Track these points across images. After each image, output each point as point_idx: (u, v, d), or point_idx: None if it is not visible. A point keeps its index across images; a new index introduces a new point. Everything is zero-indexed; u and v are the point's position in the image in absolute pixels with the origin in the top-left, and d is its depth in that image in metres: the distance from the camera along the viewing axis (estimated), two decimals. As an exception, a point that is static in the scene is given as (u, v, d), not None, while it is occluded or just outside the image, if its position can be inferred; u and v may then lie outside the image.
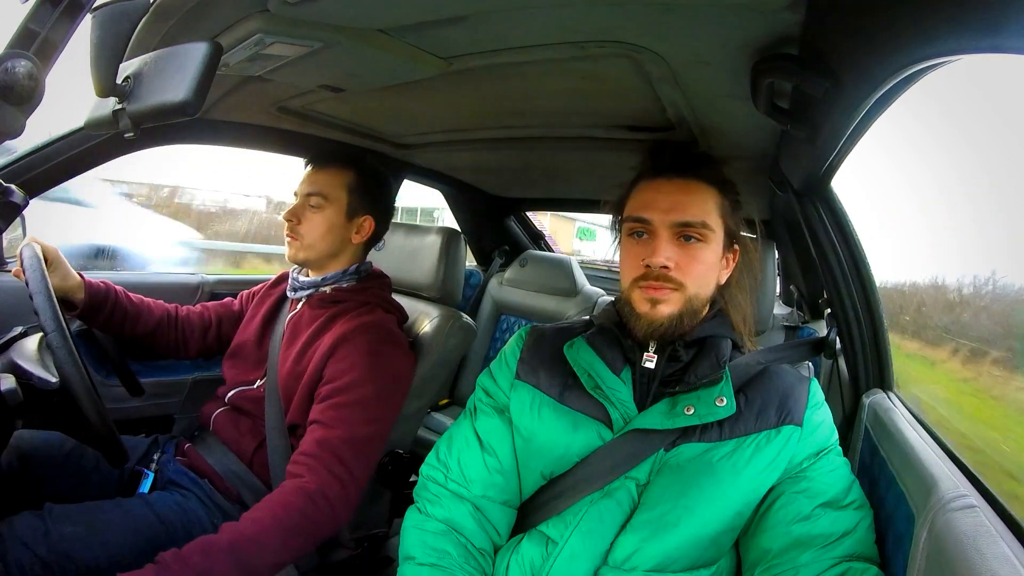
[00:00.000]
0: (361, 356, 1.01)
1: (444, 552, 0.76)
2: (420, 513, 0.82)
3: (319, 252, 1.12)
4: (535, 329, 0.91)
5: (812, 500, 0.70)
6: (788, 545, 0.68)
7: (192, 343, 1.23)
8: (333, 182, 1.12)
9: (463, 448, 0.85)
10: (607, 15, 0.66)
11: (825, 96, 0.61)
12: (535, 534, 0.77)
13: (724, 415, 0.73)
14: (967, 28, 0.40)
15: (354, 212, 1.13)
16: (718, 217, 0.80)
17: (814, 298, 1.67)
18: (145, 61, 0.59)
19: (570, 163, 1.45)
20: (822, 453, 0.74)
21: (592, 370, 0.80)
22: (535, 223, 2.52)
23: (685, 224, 0.77)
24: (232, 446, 1.08)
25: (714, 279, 0.81)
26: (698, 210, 0.78)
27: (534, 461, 0.80)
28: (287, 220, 1.11)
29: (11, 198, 0.88)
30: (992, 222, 1.35)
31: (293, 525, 0.86)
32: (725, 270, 0.84)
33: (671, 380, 0.79)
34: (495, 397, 0.88)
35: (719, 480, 0.72)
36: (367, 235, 1.15)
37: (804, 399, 0.77)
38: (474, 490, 0.81)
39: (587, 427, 0.78)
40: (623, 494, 0.74)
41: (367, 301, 1.12)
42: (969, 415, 1.18)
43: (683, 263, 0.77)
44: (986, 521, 0.52)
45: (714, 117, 0.94)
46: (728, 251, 0.83)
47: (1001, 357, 1.23)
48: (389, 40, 0.77)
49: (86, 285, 1.08)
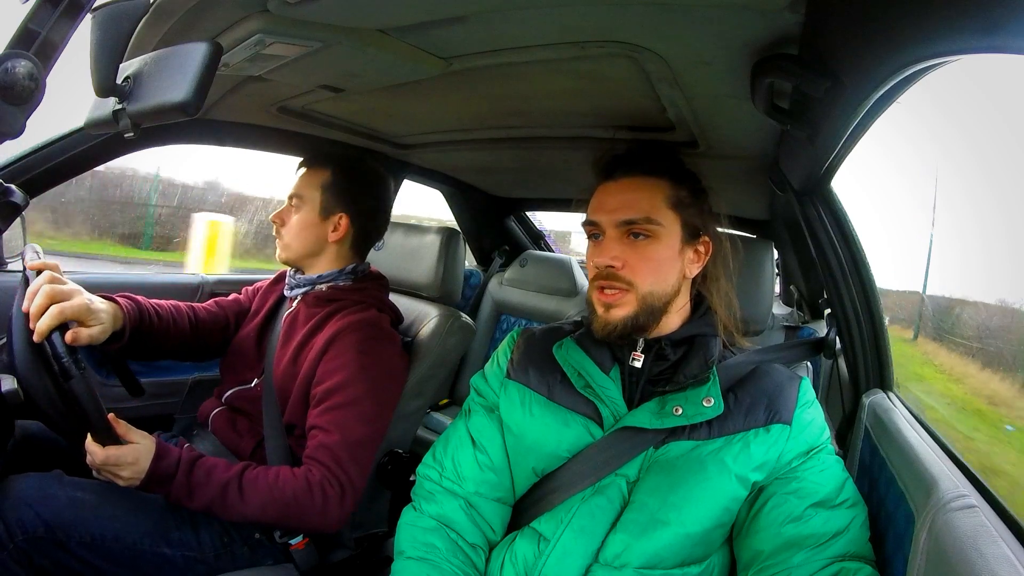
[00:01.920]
0: (352, 355, 1.01)
1: (432, 546, 0.78)
2: (415, 511, 0.84)
3: (296, 252, 1.13)
4: (526, 331, 0.93)
5: (803, 500, 0.70)
6: (780, 546, 0.68)
7: (212, 346, 1.20)
8: (309, 182, 1.13)
9: (457, 447, 0.86)
10: (607, 15, 0.66)
11: (825, 96, 0.61)
12: (528, 531, 0.78)
13: (712, 415, 0.74)
14: (967, 28, 0.40)
15: (328, 211, 1.13)
16: (668, 210, 0.79)
17: (814, 298, 1.67)
18: (145, 61, 0.59)
19: (570, 163, 1.45)
20: (812, 452, 0.74)
21: (582, 369, 0.81)
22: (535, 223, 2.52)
23: (629, 222, 0.78)
24: (230, 446, 1.08)
25: (673, 275, 0.80)
26: (645, 205, 0.78)
27: (525, 458, 0.81)
28: (274, 222, 1.14)
29: (11, 198, 0.88)
30: (992, 222, 1.35)
31: (280, 503, 0.91)
32: (694, 263, 0.82)
33: (660, 379, 0.79)
34: (486, 396, 0.90)
35: (707, 476, 0.72)
36: (343, 233, 1.13)
37: (794, 398, 0.77)
38: (467, 487, 0.83)
39: (577, 424, 0.79)
40: (614, 491, 0.75)
41: (361, 300, 1.12)
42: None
43: (632, 261, 0.78)
44: (986, 521, 0.52)
45: (714, 117, 0.94)
46: (691, 244, 0.81)
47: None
48: (389, 40, 0.77)
49: (123, 311, 0.99)
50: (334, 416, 0.98)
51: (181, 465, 0.88)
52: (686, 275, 0.82)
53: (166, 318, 1.11)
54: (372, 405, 1.01)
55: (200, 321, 1.18)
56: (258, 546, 1.00)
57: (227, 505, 0.89)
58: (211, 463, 0.91)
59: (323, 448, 0.96)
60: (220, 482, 0.89)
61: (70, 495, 0.86)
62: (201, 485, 0.88)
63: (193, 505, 0.88)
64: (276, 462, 1.02)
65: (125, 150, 1.22)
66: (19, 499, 0.82)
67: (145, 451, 0.85)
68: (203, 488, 0.88)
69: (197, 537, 0.94)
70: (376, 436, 1.02)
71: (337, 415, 0.98)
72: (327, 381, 1.00)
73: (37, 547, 0.81)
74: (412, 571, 0.76)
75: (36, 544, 0.81)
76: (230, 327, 1.22)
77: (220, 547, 0.96)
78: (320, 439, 0.97)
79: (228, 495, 0.89)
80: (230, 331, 1.22)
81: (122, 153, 1.22)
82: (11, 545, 0.80)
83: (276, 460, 1.02)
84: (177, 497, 0.87)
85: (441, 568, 0.76)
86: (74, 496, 0.87)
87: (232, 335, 1.22)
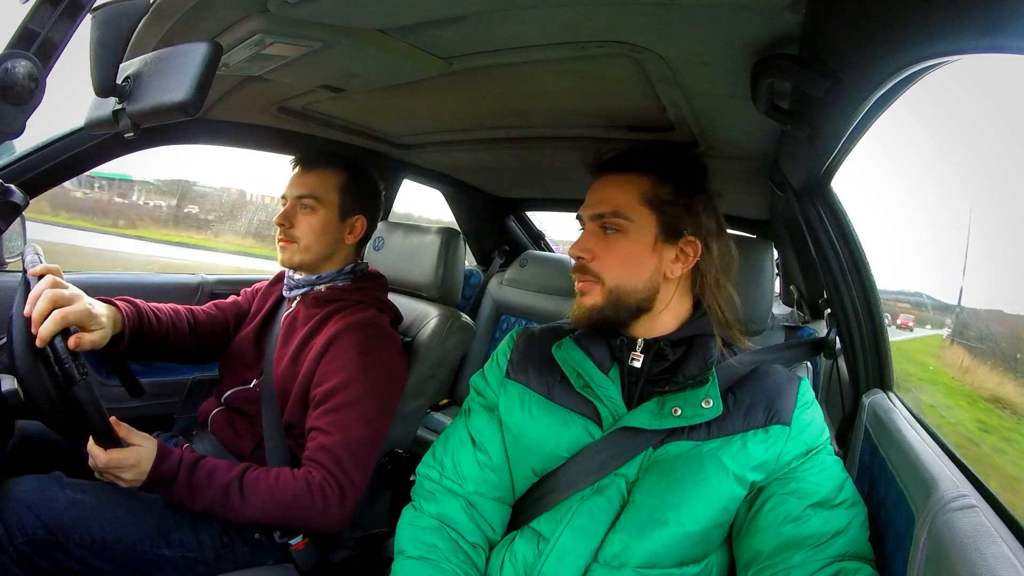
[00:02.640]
0: (352, 355, 1.01)
1: (433, 545, 0.78)
2: (415, 510, 0.84)
3: (315, 254, 1.12)
4: (525, 330, 0.93)
5: (802, 501, 0.70)
6: (779, 546, 0.68)
7: (212, 349, 1.20)
8: (325, 183, 1.12)
9: (457, 447, 0.86)
10: (607, 15, 0.66)
11: (825, 96, 0.61)
12: (528, 531, 0.78)
13: (711, 416, 0.74)
14: (967, 28, 0.40)
15: (346, 213, 1.13)
16: (642, 205, 0.79)
17: (814, 298, 1.67)
18: (145, 61, 0.59)
19: (570, 163, 1.45)
20: (812, 452, 0.74)
21: (581, 369, 0.81)
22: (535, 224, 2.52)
23: (599, 216, 0.81)
24: (229, 446, 1.08)
25: (645, 272, 0.79)
26: (615, 200, 0.80)
27: (524, 457, 0.82)
28: (279, 224, 1.10)
29: (11, 198, 0.88)
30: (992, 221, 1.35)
31: (281, 505, 0.91)
32: (677, 263, 0.81)
33: (659, 379, 0.79)
34: (485, 396, 0.90)
35: (706, 476, 0.72)
36: (359, 235, 1.16)
37: (793, 398, 0.77)
38: (467, 487, 0.83)
39: (576, 424, 0.79)
40: (613, 491, 0.75)
41: (361, 300, 1.12)
42: None
43: (601, 255, 0.80)
44: (986, 521, 0.52)
45: (714, 117, 0.94)
46: (670, 242, 0.80)
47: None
48: (389, 40, 0.77)
49: (123, 315, 0.98)
50: (335, 417, 0.98)
51: (182, 467, 0.88)
52: (667, 275, 0.80)
53: (165, 322, 1.10)
54: (373, 405, 1.01)
55: (199, 324, 1.17)
56: (258, 546, 1.00)
57: (228, 506, 0.90)
58: (212, 464, 0.91)
59: (323, 449, 0.96)
60: (221, 484, 0.90)
61: (70, 497, 0.86)
62: (202, 487, 0.88)
63: (195, 506, 0.89)
64: (275, 462, 1.02)
65: (125, 150, 1.22)
66: (19, 501, 0.82)
67: (147, 453, 0.86)
68: (204, 489, 0.88)
69: (197, 538, 0.94)
70: (377, 436, 1.02)
71: (338, 416, 0.98)
72: (327, 382, 1.00)
73: (37, 549, 0.81)
74: (413, 570, 0.76)
75: (36, 546, 0.81)
76: (229, 329, 1.22)
77: (220, 547, 0.96)
78: (320, 440, 0.97)
79: (229, 496, 0.90)
80: (229, 333, 1.22)
81: (122, 153, 1.22)
82: (11, 548, 0.80)
83: (275, 460, 1.02)
84: (179, 498, 0.88)
85: (442, 568, 0.76)
86: (74, 498, 0.87)
87: (231, 337, 1.21)
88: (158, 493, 0.88)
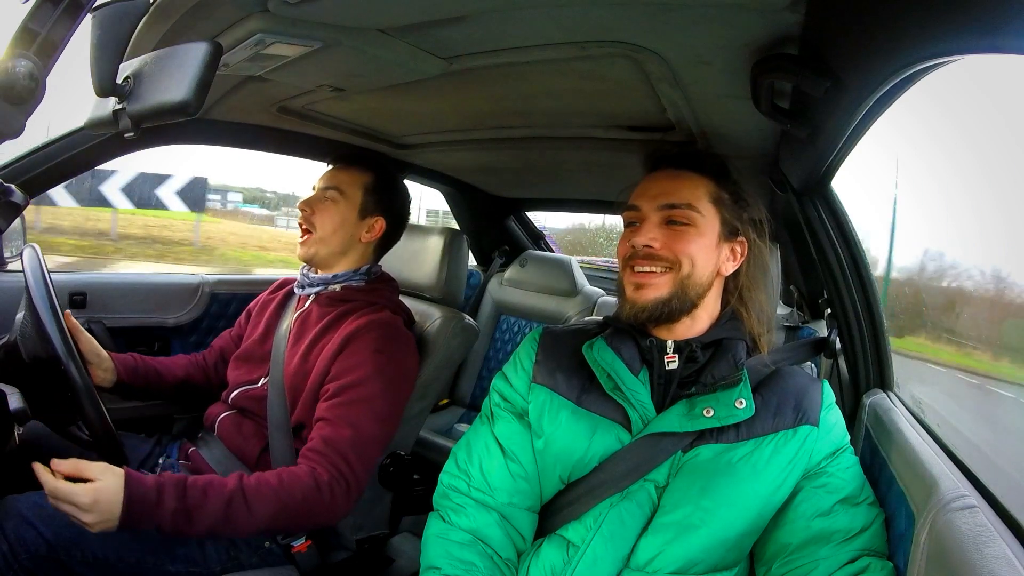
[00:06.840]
0: (369, 354, 1.01)
1: (471, 564, 0.75)
2: (444, 522, 0.80)
3: (330, 247, 1.13)
4: (549, 331, 0.90)
5: (832, 495, 0.71)
6: (808, 539, 0.69)
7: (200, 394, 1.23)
8: (352, 180, 1.14)
9: (484, 455, 0.83)
10: (607, 15, 0.66)
11: (825, 96, 0.61)
12: (555, 538, 0.77)
13: (743, 417, 0.73)
14: (967, 28, 0.40)
15: (366, 212, 1.15)
16: (709, 204, 0.80)
17: (814, 298, 1.67)
18: (145, 61, 0.59)
19: (570, 163, 1.45)
20: (838, 452, 0.75)
21: (612, 370, 0.79)
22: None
23: (670, 206, 0.79)
24: (236, 451, 1.07)
25: (711, 264, 0.80)
26: (686, 194, 0.79)
27: (553, 465, 0.79)
28: (301, 209, 1.13)
29: (11, 198, 0.88)
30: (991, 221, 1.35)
31: (291, 509, 0.88)
32: (730, 261, 0.82)
33: (686, 381, 0.79)
34: (512, 401, 0.86)
35: (739, 481, 0.72)
36: (376, 235, 1.16)
37: (819, 400, 0.78)
38: (500, 498, 0.80)
39: (606, 430, 0.77)
40: (643, 496, 0.74)
41: (375, 301, 1.12)
42: None
43: (670, 242, 0.78)
44: (986, 521, 0.52)
45: (714, 117, 0.94)
46: (728, 241, 0.81)
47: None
48: (389, 40, 0.77)
49: (116, 368, 1.09)
50: (347, 411, 0.97)
51: (165, 491, 0.79)
52: (721, 272, 0.81)
53: (153, 379, 1.17)
54: (386, 404, 1.01)
55: (188, 377, 1.22)
56: (268, 555, 0.99)
57: (234, 521, 0.83)
58: (203, 481, 0.84)
59: (330, 444, 0.94)
60: (222, 498, 0.83)
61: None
62: (199, 507, 0.81)
63: (195, 530, 0.81)
64: (281, 463, 1.00)
65: (125, 150, 1.22)
66: (21, 518, 0.81)
67: (108, 489, 0.75)
68: (202, 509, 0.81)
69: (203, 551, 0.93)
70: (385, 436, 1.02)
71: (351, 410, 0.97)
72: (342, 378, 1.00)
73: (40, 567, 0.80)
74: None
75: (39, 563, 0.80)
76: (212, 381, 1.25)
77: (227, 560, 0.95)
78: (327, 432, 0.95)
79: (234, 510, 0.83)
80: (213, 382, 1.24)
81: (122, 153, 1.22)
82: (16, 565, 0.78)
83: (280, 461, 1.01)
84: (174, 526, 0.79)
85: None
86: None
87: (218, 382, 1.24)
88: (144, 528, 0.78)
